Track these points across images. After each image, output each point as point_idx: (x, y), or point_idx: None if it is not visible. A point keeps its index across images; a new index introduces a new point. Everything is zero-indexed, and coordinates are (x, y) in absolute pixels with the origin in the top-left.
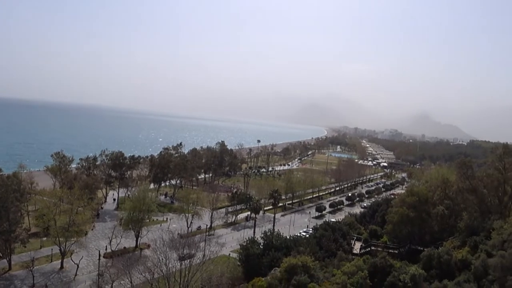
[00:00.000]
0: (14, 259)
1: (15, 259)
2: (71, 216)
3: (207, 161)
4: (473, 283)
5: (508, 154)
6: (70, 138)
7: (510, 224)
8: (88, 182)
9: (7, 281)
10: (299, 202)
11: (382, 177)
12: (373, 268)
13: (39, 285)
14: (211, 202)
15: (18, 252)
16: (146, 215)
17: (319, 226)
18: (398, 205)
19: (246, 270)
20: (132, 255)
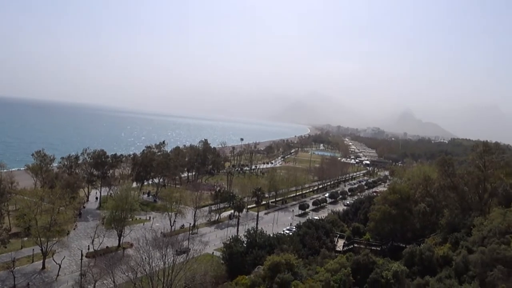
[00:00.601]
0: None
1: None
2: (52, 216)
3: (190, 159)
4: (454, 279)
5: (488, 152)
6: (51, 137)
7: (490, 221)
8: (69, 181)
9: None
10: (282, 200)
11: (364, 175)
12: (356, 265)
13: (20, 286)
14: (194, 201)
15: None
16: (129, 214)
17: (302, 224)
18: (380, 202)
19: (230, 269)
20: (115, 254)
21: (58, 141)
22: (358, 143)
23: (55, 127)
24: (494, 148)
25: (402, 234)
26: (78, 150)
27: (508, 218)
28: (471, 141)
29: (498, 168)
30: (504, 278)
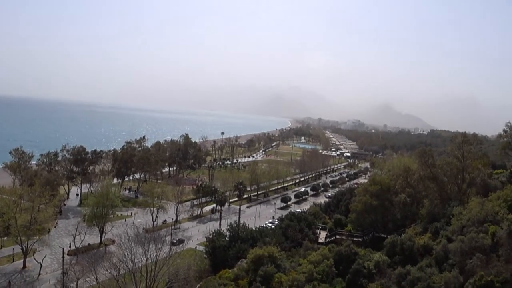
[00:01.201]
0: None
1: None
2: (32, 214)
3: (171, 154)
4: (435, 267)
5: (467, 143)
6: (29, 134)
7: (468, 210)
8: (49, 178)
9: None
10: (264, 193)
11: (345, 167)
12: (338, 256)
13: (1, 286)
14: (176, 196)
15: None
16: (110, 211)
17: (285, 216)
18: (361, 194)
19: (213, 263)
20: (97, 251)
21: (36, 138)
22: (339, 135)
23: (32, 124)
24: (472, 139)
25: (383, 224)
26: (57, 146)
27: (486, 208)
28: (449, 132)
29: (476, 159)
30: (482, 266)
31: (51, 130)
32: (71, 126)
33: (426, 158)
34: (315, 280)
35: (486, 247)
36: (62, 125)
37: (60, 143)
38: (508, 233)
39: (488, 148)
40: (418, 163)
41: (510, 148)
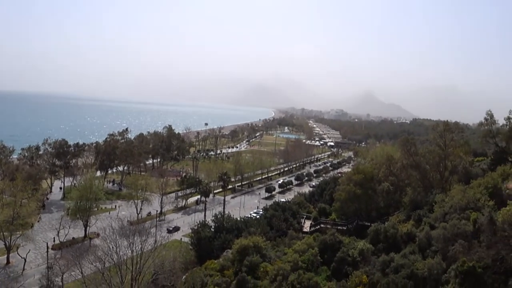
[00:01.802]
0: None
1: None
2: (14, 209)
3: (155, 146)
4: (418, 254)
5: (448, 131)
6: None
7: (450, 198)
8: (31, 172)
9: None
10: (249, 183)
11: (329, 156)
12: (323, 245)
13: None
14: (160, 187)
15: None
16: (94, 204)
17: (269, 206)
18: (345, 183)
19: (199, 254)
20: (82, 245)
21: (16, 132)
22: (322, 125)
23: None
24: (454, 127)
25: (367, 213)
26: (39, 140)
27: (467, 195)
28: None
29: (457, 147)
30: (464, 252)
31: (31, 124)
32: (52, 119)
33: (408, 147)
34: (300, 269)
35: (468, 234)
36: (42, 119)
37: (41, 137)
38: (489, 219)
39: (469, 136)
40: (400, 152)
41: (490, 136)
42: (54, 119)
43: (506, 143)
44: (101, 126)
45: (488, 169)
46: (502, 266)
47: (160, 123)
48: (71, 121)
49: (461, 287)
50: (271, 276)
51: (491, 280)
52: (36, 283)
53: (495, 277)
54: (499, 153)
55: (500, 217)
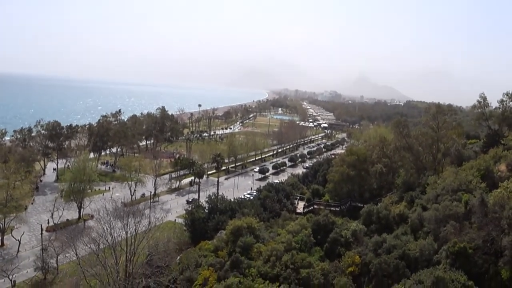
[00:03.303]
0: None
1: None
2: (8, 191)
3: (148, 127)
4: (410, 235)
5: (441, 114)
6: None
7: (443, 180)
8: (24, 154)
9: None
10: (242, 165)
11: (323, 138)
12: (316, 225)
13: None
14: (154, 169)
15: None
16: (88, 186)
17: (263, 187)
18: (338, 164)
19: (193, 235)
20: (76, 227)
21: (8, 114)
22: (316, 106)
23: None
24: (446, 110)
25: (360, 194)
26: (31, 122)
27: (459, 177)
28: (425, 103)
29: (450, 129)
30: (456, 233)
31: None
32: (44, 101)
33: (401, 129)
34: (293, 249)
35: (460, 215)
36: (34, 101)
37: (33, 119)
38: (481, 201)
39: (462, 118)
40: (394, 134)
41: (483, 119)
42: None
43: (498, 126)
44: (95, 107)
45: (481, 151)
46: (493, 247)
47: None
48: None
49: (452, 268)
50: (265, 257)
51: (481, 260)
52: (31, 265)
53: (486, 258)
54: (492, 136)
55: (491, 199)
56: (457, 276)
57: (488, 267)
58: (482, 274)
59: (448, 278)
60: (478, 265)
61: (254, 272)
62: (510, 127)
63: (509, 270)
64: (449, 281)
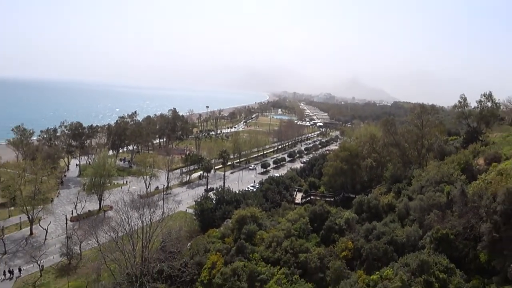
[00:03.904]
0: None
1: None
2: (36, 185)
3: (161, 127)
4: (397, 222)
5: (425, 113)
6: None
7: (427, 173)
8: (50, 152)
9: None
10: (246, 160)
11: (318, 136)
12: (313, 214)
13: (11, 252)
14: (166, 164)
15: None
16: (107, 180)
17: (265, 180)
18: (332, 159)
19: (202, 223)
20: (97, 217)
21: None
22: (312, 107)
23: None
24: (430, 109)
25: (352, 186)
26: (56, 123)
27: (442, 170)
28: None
29: (433, 127)
30: (438, 220)
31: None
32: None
33: (389, 127)
34: (292, 236)
35: (442, 204)
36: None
37: (55, 121)
38: (461, 192)
39: (444, 117)
40: (382, 131)
41: (463, 117)
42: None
43: (477, 123)
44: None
45: (461, 147)
46: (472, 233)
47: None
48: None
49: (435, 252)
50: (267, 243)
51: (462, 245)
52: (57, 251)
53: (465, 243)
54: (471, 133)
55: (470, 190)
56: (440, 259)
57: (468, 251)
58: (463, 257)
59: (431, 261)
60: (459, 249)
61: (257, 256)
62: (487, 125)
63: (487, 254)
64: (433, 264)
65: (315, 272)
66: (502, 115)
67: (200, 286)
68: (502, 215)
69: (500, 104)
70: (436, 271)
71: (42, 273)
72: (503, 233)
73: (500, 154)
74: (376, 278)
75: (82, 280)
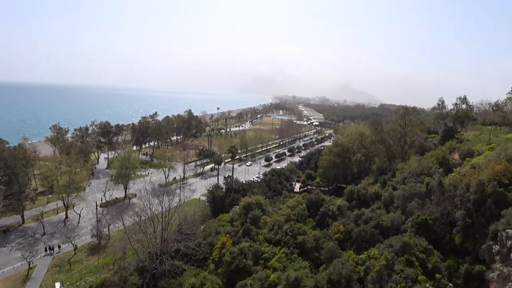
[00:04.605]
0: (26, 214)
1: (27, 214)
2: (70, 176)
3: (178, 125)
4: (383, 209)
5: (407, 114)
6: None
7: (409, 166)
8: (82, 147)
9: (22, 232)
10: (252, 154)
11: (314, 133)
12: (310, 202)
13: (49, 233)
14: (183, 158)
15: (29, 208)
16: (132, 171)
17: (268, 172)
18: (327, 154)
19: (213, 209)
20: (123, 203)
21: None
22: (309, 108)
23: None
24: (412, 111)
25: (344, 177)
26: (87, 123)
27: (422, 164)
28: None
29: (415, 126)
30: (419, 208)
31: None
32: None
33: (376, 126)
34: (292, 220)
35: (422, 194)
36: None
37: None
38: (439, 183)
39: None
40: (370, 130)
41: (441, 118)
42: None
43: (453, 123)
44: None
45: (439, 143)
46: (448, 219)
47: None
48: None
49: (416, 235)
50: (269, 226)
51: (439, 229)
52: (88, 233)
53: (442, 227)
54: (447, 132)
55: (447, 181)
56: (420, 241)
57: (444, 235)
58: (440, 240)
59: (412, 243)
60: (436, 233)
61: (261, 238)
62: (462, 125)
63: (461, 237)
64: (413, 245)
65: (311, 251)
66: (475, 116)
67: (211, 263)
68: (474, 203)
69: (473, 106)
70: (416, 251)
71: (76, 251)
72: (475, 219)
73: (473, 150)
74: (364, 257)
75: (110, 258)
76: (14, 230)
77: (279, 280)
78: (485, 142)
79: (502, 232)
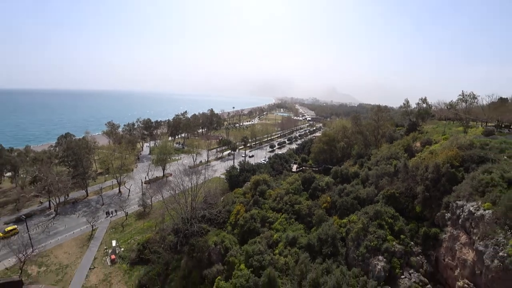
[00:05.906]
0: (89, 189)
1: (90, 189)
2: (121, 160)
3: (203, 121)
4: (361, 185)
5: (380, 111)
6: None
7: (381, 152)
8: (130, 139)
9: (86, 203)
10: (259, 143)
11: (308, 127)
12: (304, 179)
13: (107, 203)
14: (207, 146)
15: (91, 185)
16: (168, 156)
17: (272, 156)
18: (317, 142)
19: (230, 185)
20: (161, 181)
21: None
22: (303, 107)
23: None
24: (384, 109)
25: (330, 160)
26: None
27: (391, 150)
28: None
29: (386, 121)
30: (388, 184)
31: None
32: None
33: (356, 121)
34: (290, 193)
35: (391, 173)
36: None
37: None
38: (404, 165)
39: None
40: (351, 124)
41: (406, 114)
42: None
43: (416, 119)
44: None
45: (404, 134)
46: (411, 192)
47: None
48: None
49: (385, 205)
50: (273, 197)
51: (404, 200)
52: (136, 203)
53: (406, 199)
54: (411, 125)
55: (410, 163)
56: (389, 210)
57: (408, 205)
58: (404, 209)
59: (383, 210)
60: (402, 203)
61: (267, 206)
62: (423, 120)
63: (421, 207)
64: (384, 213)
65: (305, 217)
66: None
67: (229, 226)
68: (432, 181)
69: (432, 105)
70: (386, 217)
71: (127, 217)
72: (432, 193)
73: (431, 140)
74: (345, 221)
75: (152, 222)
76: (80, 202)
77: (281, 238)
78: (441, 134)
79: (453, 203)
